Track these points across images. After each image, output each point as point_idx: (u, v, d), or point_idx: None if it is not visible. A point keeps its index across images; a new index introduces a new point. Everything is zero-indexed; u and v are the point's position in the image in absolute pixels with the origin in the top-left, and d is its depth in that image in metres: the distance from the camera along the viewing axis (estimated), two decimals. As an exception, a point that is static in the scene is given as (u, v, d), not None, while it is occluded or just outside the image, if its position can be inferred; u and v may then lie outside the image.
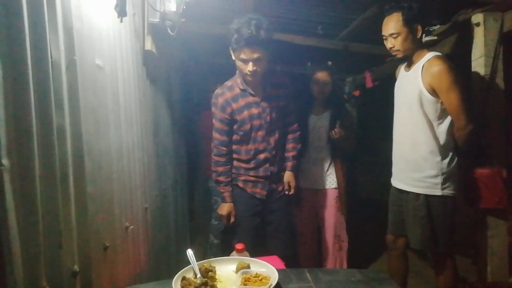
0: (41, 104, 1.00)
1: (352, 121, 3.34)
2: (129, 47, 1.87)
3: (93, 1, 1.41)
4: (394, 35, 2.13)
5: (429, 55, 2.12)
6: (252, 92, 2.32)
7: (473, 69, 2.37)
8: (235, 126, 2.35)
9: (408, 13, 2.08)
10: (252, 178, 2.42)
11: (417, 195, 2.17)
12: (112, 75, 1.60)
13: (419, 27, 2.11)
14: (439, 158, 2.12)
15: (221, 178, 2.40)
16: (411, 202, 2.20)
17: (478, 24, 2.30)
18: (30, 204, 0.95)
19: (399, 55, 2.18)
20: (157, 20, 2.07)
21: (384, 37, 2.21)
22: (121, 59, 1.72)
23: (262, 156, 2.39)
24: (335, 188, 2.92)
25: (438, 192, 2.12)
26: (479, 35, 2.30)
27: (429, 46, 2.65)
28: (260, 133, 2.36)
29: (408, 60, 2.21)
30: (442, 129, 2.11)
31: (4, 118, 0.86)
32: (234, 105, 2.31)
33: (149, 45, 2.16)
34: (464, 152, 2.18)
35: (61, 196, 1.09)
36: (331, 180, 2.93)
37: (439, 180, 2.11)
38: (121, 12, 1.55)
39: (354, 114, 4.90)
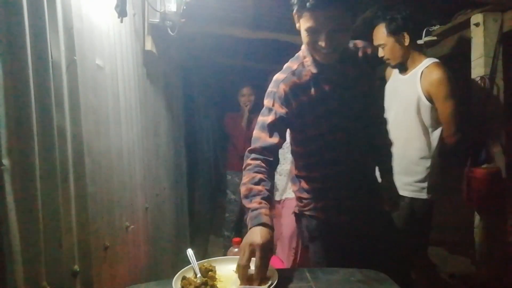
0: (41, 104, 1.00)
1: None
2: (129, 47, 1.87)
3: (94, 1, 1.41)
4: (382, 46, 2.21)
5: (428, 61, 2.14)
6: (329, 78, 1.55)
7: (472, 69, 2.37)
8: (308, 131, 1.61)
9: (390, 24, 2.14)
10: (332, 203, 1.66)
11: (404, 198, 2.17)
12: (113, 75, 1.61)
13: (406, 35, 2.14)
14: (428, 164, 2.16)
15: (259, 187, 1.41)
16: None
17: (477, 24, 2.30)
18: (30, 203, 0.95)
19: (392, 63, 2.25)
20: (157, 20, 2.08)
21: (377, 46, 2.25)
22: (121, 59, 1.72)
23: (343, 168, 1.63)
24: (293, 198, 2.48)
25: (424, 196, 2.17)
26: (478, 35, 2.30)
27: (429, 47, 2.69)
28: (341, 136, 1.60)
29: (403, 65, 2.25)
30: (435, 135, 2.15)
31: (4, 118, 0.86)
32: (304, 98, 1.54)
33: (149, 45, 2.17)
34: (449, 155, 2.22)
35: (61, 195, 1.09)
36: (290, 190, 2.64)
37: (425, 185, 2.16)
38: (122, 12, 1.55)
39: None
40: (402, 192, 2.16)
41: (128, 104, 1.81)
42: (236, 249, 1.64)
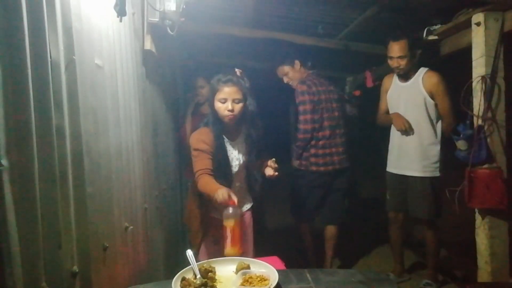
0: (40, 104, 0.99)
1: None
2: (129, 47, 1.86)
3: (93, 0, 1.40)
4: (402, 57, 2.73)
5: (422, 69, 2.80)
6: None
7: (473, 69, 2.36)
8: None
9: (411, 41, 2.72)
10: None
11: (424, 178, 2.80)
12: (112, 74, 1.60)
13: (418, 52, 2.77)
14: (438, 147, 2.79)
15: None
16: (419, 184, 2.82)
17: (478, 24, 2.29)
18: (29, 204, 0.94)
19: (401, 73, 2.81)
20: (157, 19, 2.07)
21: (390, 58, 2.80)
22: (120, 58, 1.72)
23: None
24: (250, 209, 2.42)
25: (437, 174, 2.81)
26: (479, 34, 2.29)
27: (431, 46, 2.76)
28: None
29: (404, 74, 2.82)
30: (438, 126, 2.80)
31: (3, 118, 0.86)
32: None
33: (148, 44, 2.16)
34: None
35: (60, 196, 1.08)
36: (248, 202, 2.40)
37: (437, 165, 2.80)
38: (121, 11, 1.54)
39: (355, 114, 4.88)
40: (423, 173, 2.80)
41: (127, 104, 1.80)
42: (231, 210, 1.80)
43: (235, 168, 2.22)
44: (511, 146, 2.38)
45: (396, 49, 2.74)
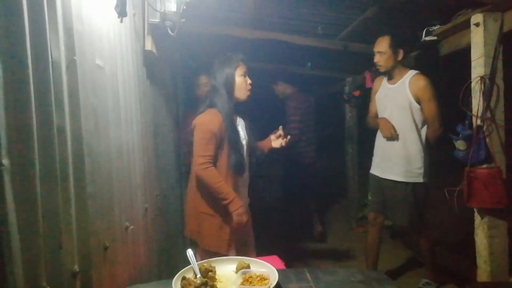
0: (41, 104, 1.00)
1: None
2: (129, 47, 1.87)
3: (94, 1, 1.41)
4: (381, 53, 2.73)
5: (411, 72, 2.76)
6: None
7: (472, 69, 2.36)
8: None
9: (393, 39, 2.70)
10: None
11: (407, 184, 2.76)
12: (113, 75, 1.60)
13: (401, 52, 2.73)
14: (422, 154, 2.74)
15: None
16: (401, 190, 2.77)
17: (478, 24, 2.29)
18: (30, 204, 0.94)
19: (381, 70, 2.81)
20: (157, 20, 2.08)
21: (374, 53, 2.79)
22: (121, 59, 1.72)
23: None
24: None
25: (420, 180, 2.75)
26: (478, 35, 2.29)
27: (430, 46, 2.77)
28: None
29: (390, 75, 2.82)
30: (424, 131, 2.75)
31: (4, 118, 0.86)
32: None
33: (149, 45, 2.16)
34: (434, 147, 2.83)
35: (61, 196, 1.09)
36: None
37: (422, 171, 2.75)
38: (121, 12, 1.55)
39: (354, 114, 4.89)
40: (406, 179, 2.76)
41: (128, 104, 1.81)
42: None
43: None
44: (510, 146, 2.38)
45: (377, 44, 2.75)
